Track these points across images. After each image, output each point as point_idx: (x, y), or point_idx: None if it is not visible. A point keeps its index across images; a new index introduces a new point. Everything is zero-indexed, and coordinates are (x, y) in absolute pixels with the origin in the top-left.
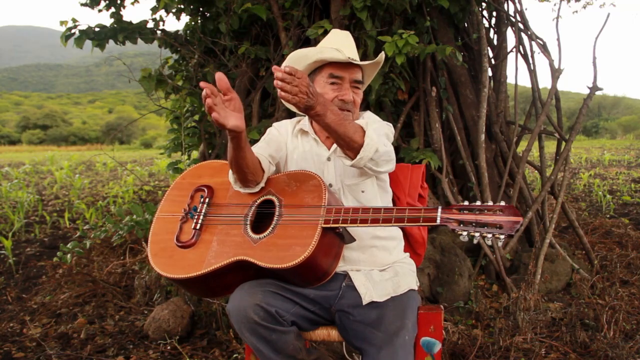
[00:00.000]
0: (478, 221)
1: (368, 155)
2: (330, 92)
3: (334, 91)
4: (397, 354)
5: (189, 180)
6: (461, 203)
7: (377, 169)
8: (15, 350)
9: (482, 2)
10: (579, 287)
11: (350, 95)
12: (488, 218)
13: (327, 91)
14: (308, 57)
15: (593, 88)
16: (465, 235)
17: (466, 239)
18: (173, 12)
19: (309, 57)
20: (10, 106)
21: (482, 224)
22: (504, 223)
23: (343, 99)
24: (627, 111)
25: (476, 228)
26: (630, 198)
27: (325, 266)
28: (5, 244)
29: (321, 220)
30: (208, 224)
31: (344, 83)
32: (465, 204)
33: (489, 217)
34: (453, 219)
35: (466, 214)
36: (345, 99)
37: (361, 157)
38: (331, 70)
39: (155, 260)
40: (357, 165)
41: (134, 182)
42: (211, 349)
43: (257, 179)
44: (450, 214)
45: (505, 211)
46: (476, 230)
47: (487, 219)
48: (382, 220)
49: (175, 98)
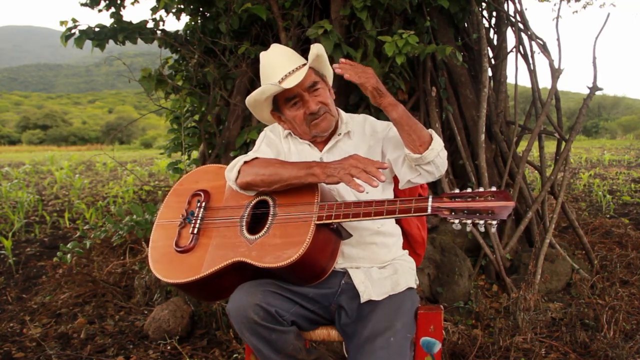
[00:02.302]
0: (469, 208)
1: (437, 149)
2: (297, 112)
3: (300, 109)
4: (374, 354)
5: (186, 186)
6: (452, 191)
7: (441, 168)
8: (15, 350)
9: (482, 2)
10: (579, 287)
11: (315, 104)
12: (479, 204)
13: (294, 113)
14: (258, 100)
15: (593, 88)
16: (457, 223)
17: (459, 227)
18: (173, 12)
19: (259, 101)
20: (10, 106)
21: (474, 211)
22: (496, 208)
23: (310, 112)
24: (627, 111)
25: (468, 215)
26: (630, 198)
27: (322, 263)
28: (5, 244)
29: (314, 217)
30: (205, 228)
31: (302, 98)
32: (456, 192)
33: (480, 203)
34: (444, 207)
35: (457, 201)
36: (312, 111)
37: (432, 148)
38: (285, 96)
39: (156, 267)
40: (425, 159)
41: (134, 182)
42: (211, 349)
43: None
44: (441, 203)
45: (497, 196)
46: (468, 218)
47: (478, 205)
48: (375, 213)
49: (175, 98)
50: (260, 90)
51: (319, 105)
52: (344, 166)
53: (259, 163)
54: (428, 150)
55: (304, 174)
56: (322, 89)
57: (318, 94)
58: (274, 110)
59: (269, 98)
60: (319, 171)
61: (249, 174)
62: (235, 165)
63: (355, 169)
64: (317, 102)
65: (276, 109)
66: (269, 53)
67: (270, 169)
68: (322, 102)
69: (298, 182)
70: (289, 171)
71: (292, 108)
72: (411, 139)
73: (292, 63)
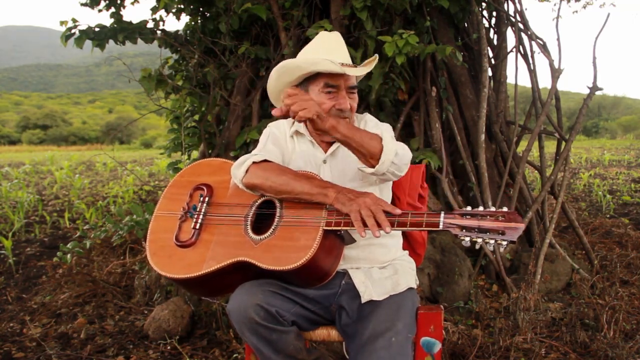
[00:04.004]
0: (480, 227)
1: (389, 159)
2: (326, 101)
3: (331, 100)
4: (376, 354)
5: (188, 178)
6: (463, 208)
7: (399, 173)
8: (15, 350)
9: (482, 2)
10: (579, 287)
11: (348, 103)
12: (490, 224)
13: (323, 100)
14: (301, 68)
15: (593, 88)
16: (467, 240)
17: (468, 244)
18: (173, 12)
19: (302, 69)
20: (10, 106)
21: (485, 230)
22: (507, 229)
23: (341, 108)
24: (627, 111)
25: (478, 234)
26: (630, 198)
27: (326, 267)
28: (5, 244)
29: (323, 223)
30: (208, 224)
31: (339, 91)
32: (468, 209)
33: (491, 223)
34: (456, 224)
35: (469, 219)
36: (343, 108)
37: (383, 162)
38: (326, 80)
39: (154, 260)
40: (379, 172)
41: (134, 182)
42: (211, 349)
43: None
44: (453, 219)
45: (507, 217)
46: (478, 236)
47: (489, 225)
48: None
49: (175, 98)
50: (314, 61)
51: (349, 107)
52: (358, 202)
53: (271, 168)
54: (379, 164)
55: (317, 192)
56: (356, 95)
57: (353, 98)
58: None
59: (310, 73)
60: (333, 195)
61: (258, 176)
62: (244, 163)
63: (367, 210)
64: (349, 102)
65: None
66: (330, 34)
67: (282, 177)
68: (352, 106)
69: (308, 198)
70: (302, 186)
71: (325, 95)
72: (360, 154)
73: (348, 58)
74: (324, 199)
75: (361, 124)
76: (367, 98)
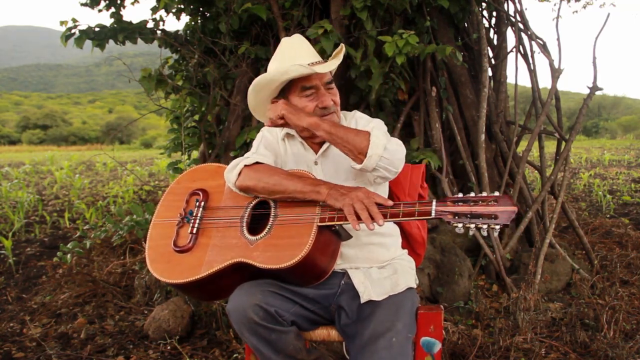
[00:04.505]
0: (473, 212)
1: (377, 153)
2: (308, 103)
3: (312, 101)
4: (377, 354)
5: (184, 184)
6: (456, 195)
7: (392, 168)
8: (15, 350)
9: (482, 2)
10: (579, 287)
11: (329, 100)
12: (483, 209)
13: (305, 103)
14: (274, 80)
15: (593, 88)
16: (460, 227)
17: (462, 230)
18: (173, 12)
19: (275, 80)
20: (10, 106)
21: (477, 215)
22: (499, 213)
23: (323, 106)
24: (627, 111)
25: (471, 219)
26: (630, 198)
27: (323, 265)
28: (5, 244)
29: (317, 219)
30: (204, 228)
31: (318, 90)
32: (460, 196)
33: (483, 207)
34: (448, 211)
35: (461, 205)
36: (325, 105)
37: (370, 156)
38: (301, 83)
39: (154, 266)
40: (368, 167)
41: (134, 182)
42: (211, 349)
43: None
44: (444, 207)
45: (500, 201)
46: (471, 222)
47: (481, 209)
48: None
49: (175, 98)
50: (284, 70)
51: (331, 103)
52: (350, 196)
53: (263, 169)
54: (366, 159)
55: (309, 190)
56: (335, 89)
57: (333, 92)
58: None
59: (284, 82)
60: (325, 191)
61: (251, 178)
62: (236, 167)
63: (359, 203)
64: (330, 98)
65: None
66: (292, 39)
67: (274, 178)
68: (334, 101)
69: (301, 197)
70: (295, 184)
71: (304, 98)
72: (348, 150)
73: (316, 55)
74: (317, 196)
75: (352, 122)
76: (367, 98)
